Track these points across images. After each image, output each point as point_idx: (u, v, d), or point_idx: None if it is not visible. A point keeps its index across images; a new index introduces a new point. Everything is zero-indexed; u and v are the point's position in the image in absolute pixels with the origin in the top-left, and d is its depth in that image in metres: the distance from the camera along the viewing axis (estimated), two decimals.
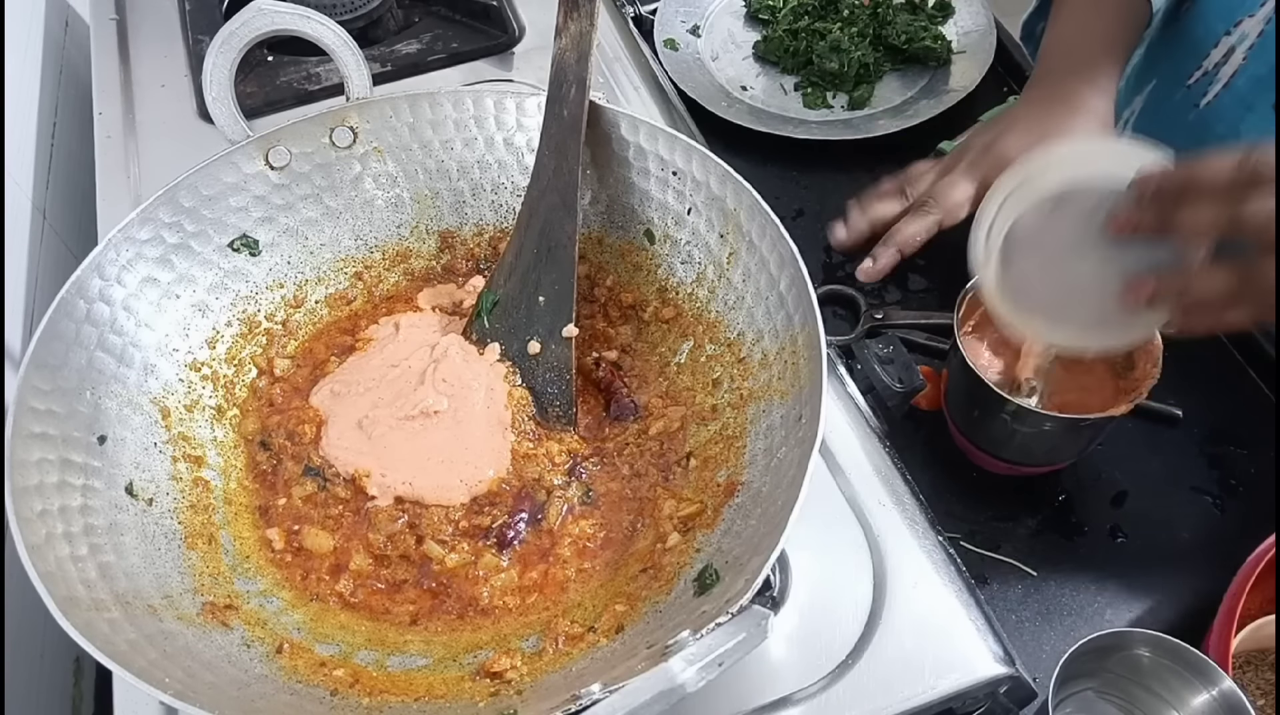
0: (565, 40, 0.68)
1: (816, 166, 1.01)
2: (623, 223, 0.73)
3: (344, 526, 0.65)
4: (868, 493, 0.68)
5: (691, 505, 0.63)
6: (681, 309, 0.71)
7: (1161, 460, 0.81)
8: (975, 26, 1.09)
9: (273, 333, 0.73)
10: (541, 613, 0.62)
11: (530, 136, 0.73)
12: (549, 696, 0.52)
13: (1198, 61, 0.88)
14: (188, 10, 1.04)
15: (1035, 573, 0.75)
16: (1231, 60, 0.84)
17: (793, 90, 1.07)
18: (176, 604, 0.58)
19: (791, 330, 0.62)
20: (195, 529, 0.63)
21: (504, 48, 1.00)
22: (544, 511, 0.65)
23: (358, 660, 0.59)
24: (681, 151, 0.69)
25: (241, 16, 0.68)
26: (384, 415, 0.68)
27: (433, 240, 0.77)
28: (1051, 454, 0.77)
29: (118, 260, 0.66)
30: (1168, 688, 0.65)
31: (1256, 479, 0.79)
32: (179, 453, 0.66)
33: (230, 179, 0.70)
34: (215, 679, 0.54)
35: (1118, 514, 0.78)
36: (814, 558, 0.65)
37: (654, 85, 0.97)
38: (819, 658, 0.61)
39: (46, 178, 0.98)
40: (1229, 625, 0.64)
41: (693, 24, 1.13)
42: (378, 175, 0.74)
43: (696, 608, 0.54)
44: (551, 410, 0.69)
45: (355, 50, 0.71)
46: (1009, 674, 0.61)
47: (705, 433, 0.66)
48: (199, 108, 0.95)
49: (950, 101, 1.02)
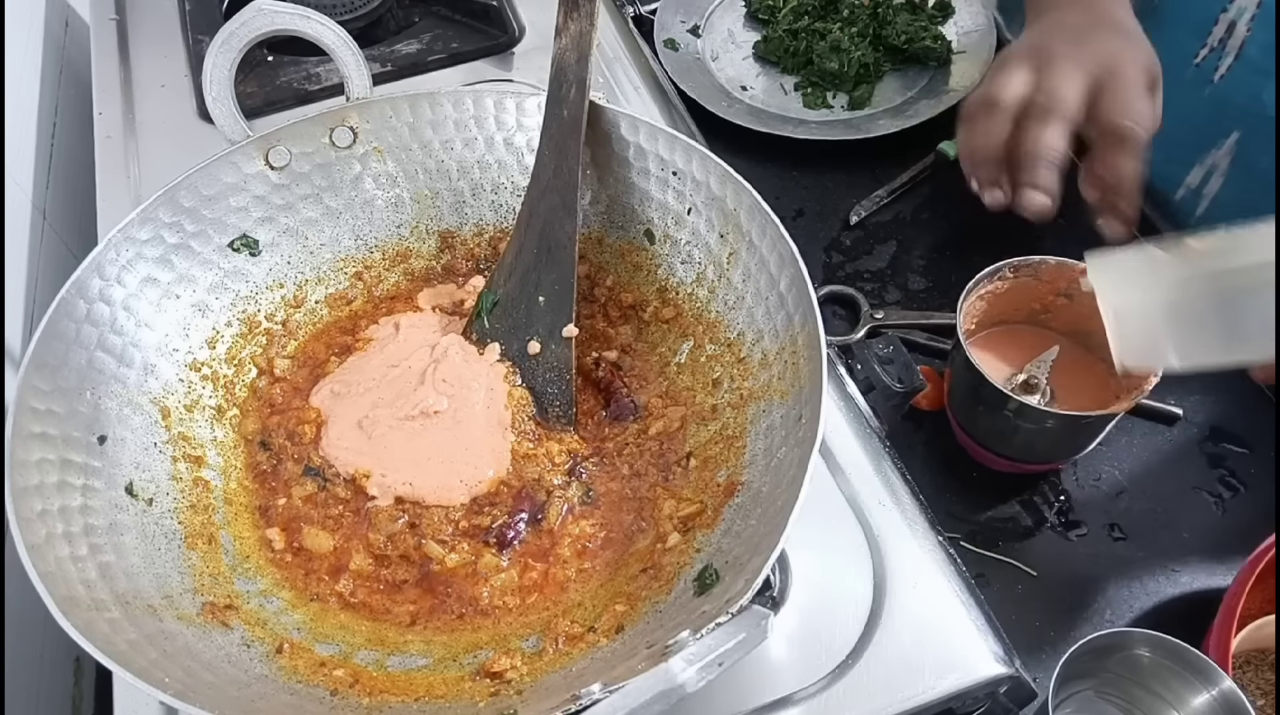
0: (565, 40, 0.68)
1: (816, 166, 1.01)
2: (623, 223, 0.73)
3: (344, 526, 0.65)
4: (868, 493, 0.68)
5: (691, 505, 0.63)
6: (681, 309, 0.71)
7: (1161, 460, 0.81)
8: (975, 26, 1.09)
9: (273, 333, 0.73)
10: (541, 613, 0.62)
11: (530, 136, 0.73)
12: (549, 696, 0.52)
13: (1201, 39, 0.87)
14: (188, 10, 1.04)
15: (1035, 573, 0.75)
16: (1236, 33, 0.83)
17: (793, 90, 1.07)
18: (176, 604, 0.58)
19: (791, 330, 0.62)
20: (195, 529, 0.63)
21: (504, 48, 1.00)
22: (544, 511, 0.65)
23: (358, 660, 0.59)
24: (681, 151, 0.69)
25: (241, 16, 0.68)
26: (384, 415, 0.68)
27: (433, 240, 0.77)
28: (1053, 451, 0.78)
29: (118, 260, 0.66)
30: (1168, 688, 0.65)
31: (1256, 479, 0.79)
32: (179, 453, 0.66)
33: (230, 179, 0.70)
34: (215, 679, 0.54)
35: (1118, 514, 0.78)
36: (814, 558, 0.65)
37: (654, 85, 0.97)
38: (819, 658, 0.61)
39: (46, 178, 0.98)
40: (1229, 625, 0.64)
41: (693, 24, 1.13)
42: (378, 175, 0.74)
43: (696, 608, 0.54)
44: (551, 410, 0.69)
45: (355, 50, 0.71)
46: (1009, 674, 0.61)
47: (705, 433, 0.66)
48: (199, 108, 0.95)
49: (950, 101, 1.02)
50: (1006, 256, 0.76)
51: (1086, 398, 0.74)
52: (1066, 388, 0.75)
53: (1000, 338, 0.78)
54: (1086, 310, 0.75)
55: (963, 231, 0.96)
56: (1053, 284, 0.77)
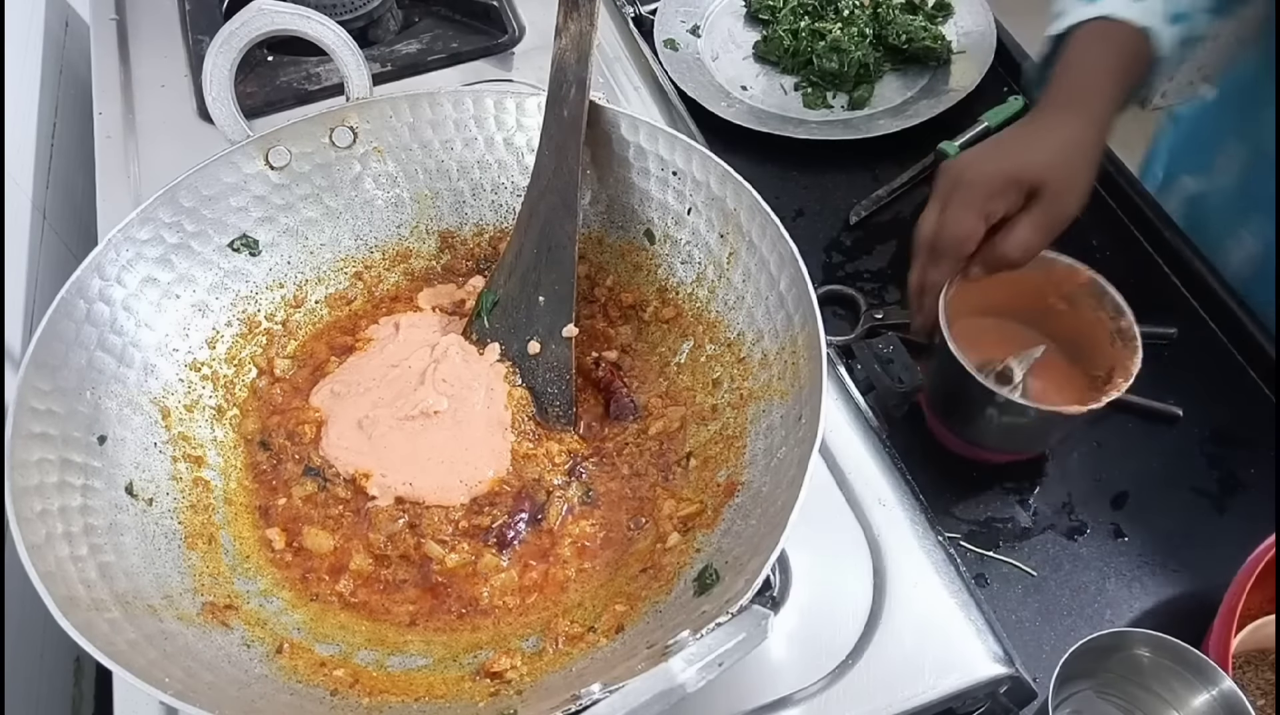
0: (565, 40, 0.68)
1: (816, 166, 1.01)
2: (623, 223, 0.73)
3: (344, 526, 0.65)
4: (868, 493, 0.68)
5: (691, 505, 0.63)
6: (681, 309, 0.71)
7: (1161, 460, 0.81)
8: (975, 26, 1.09)
9: (273, 333, 0.73)
10: (541, 613, 0.62)
11: (530, 136, 0.73)
12: (549, 696, 0.52)
13: None
14: (188, 10, 1.04)
15: (1035, 573, 0.76)
16: None
17: (793, 90, 1.07)
18: (176, 604, 0.58)
19: (791, 330, 0.62)
20: (195, 529, 0.63)
21: (504, 48, 1.00)
22: (544, 511, 0.65)
23: (358, 660, 0.59)
24: (681, 151, 0.69)
25: (241, 16, 0.68)
26: (384, 415, 0.68)
27: (433, 240, 0.77)
28: (1028, 442, 0.79)
29: (118, 260, 0.66)
30: (1168, 688, 0.65)
31: (1256, 479, 0.79)
32: (179, 453, 0.66)
33: (230, 179, 0.70)
34: (215, 679, 0.54)
35: (1118, 514, 0.78)
36: (814, 558, 0.65)
37: (654, 85, 0.97)
38: (819, 658, 0.61)
39: (46, 178, 0.98)
40: (1229, 625, 0.64)
41: (693, 24, 1.13)
42: (378, 175, 0.74)
43: (696, 608, 0.54)
44: (551, 410, 0.69)
45: (355, 50, 0.71)
46: (1009, 674, 0.61)
47: (705, 433, 0.66)
48: (199, 108, 0.95)
49: (950, 101, 1.02)
50: None
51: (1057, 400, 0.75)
52: (1042, 390, 0.76)
53: (990, 328, 0.79)
54: (1083, 323, 0.76)
55: None
56: (1058, 286, 0.77)
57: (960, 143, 1.00)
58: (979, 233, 0.74)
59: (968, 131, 1.02)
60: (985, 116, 1.03)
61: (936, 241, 0.75)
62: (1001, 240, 0.74)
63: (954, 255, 0.75)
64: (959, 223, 0.74)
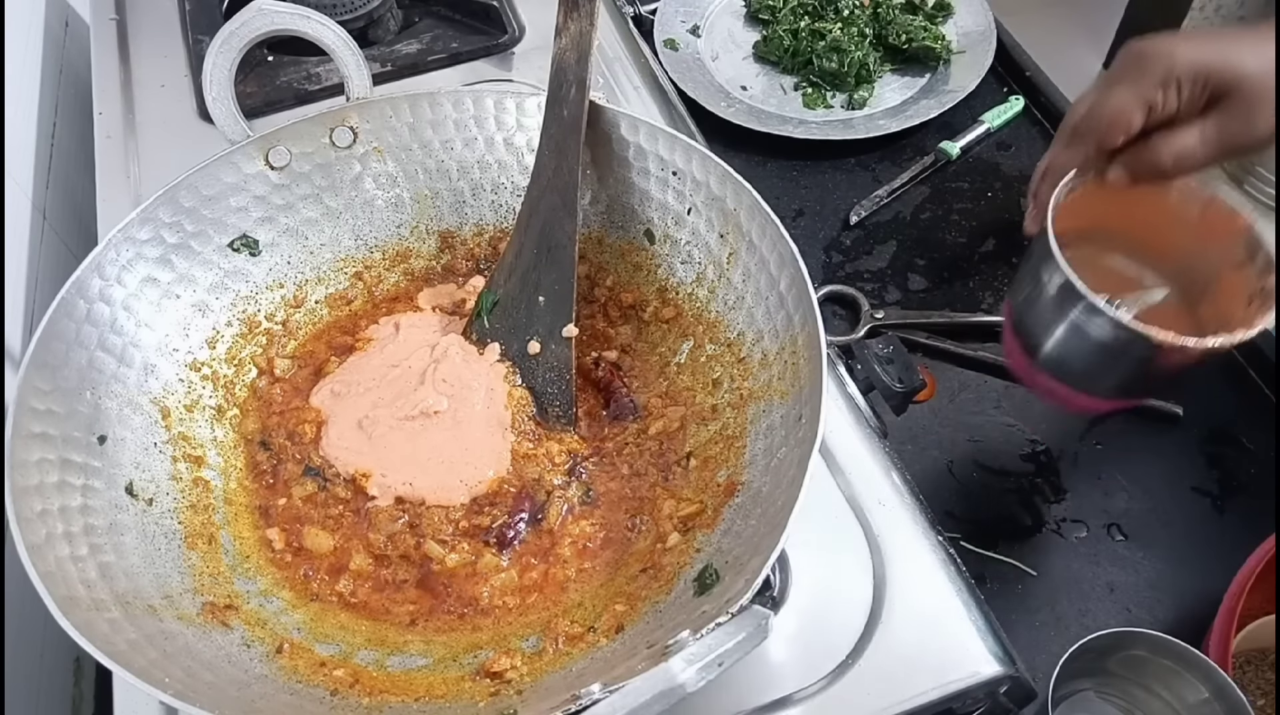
0: (565, 40, 0.68)
1: (816, 166, 1.01)
2: (623, 223, 0.73)
3: (344, 526, 0.65)
4: (868, 493, 0.68)
5: (691, 505, 0.63)
6: (681, 309, 0.71)
7: (1161, 460, 0.81)
8: (975, 26, 1.09)
9: (273, 333, 0.73)
10: (541, 613, 0.62)
11: (530, 136, 0.73)
12: (549, 696, 0.52)
13: None
14: (188, 10, 1.04)
15: (1035, 573, 0.76)
16: None
17: (792, 90, 1.08)
18: (176, 604, 0.58)
19: (791, 330, 0.62)
20: (195, 529, 0.63)
21: (504, 48, 1.00)
22: (544, 511, 0.65)
23: (358, 660, 0.59)
24: (681, 151, 0.69)
25: (241, 16, 0.68)
26: (384, 415, 0.68)
27: (433, 240, 0.77)
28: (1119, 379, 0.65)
29: (118, 260, 0.66)
30: (1168, 688, 0.65)
31: (1256, 479, 0.79)
32: (179, 453, 0.66)
33: (230, 179, 0.70)
34: (215, 679, 0.54)
35: (1118, 514, 0.78)
36: (814, 558, 0.65)
37: (654, 85, 0.97)
38: (819, 658, 0.61)
39: (46, 178, 0.98)
40: (1229, 625, 0.64)
41: (693, 24, 1.13)
42: (378, 175, 0.74)
43: (696, 608, 0.54)
44: (551, 410, 0.69)
45: (355, 50, 0.71)
46: (1009, 674, 0.61)
47: (705, 433, 0.66)
48: (199, 108, 0.95)
49: (950, 101, 1.02)
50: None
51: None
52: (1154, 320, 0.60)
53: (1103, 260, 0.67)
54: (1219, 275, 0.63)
55: (963, 231, 0.96)
56: (1208, 226, 0.63)
57: (961, 143, 1.01)
58: (1135, 121, 0.62)
59: (968, 132, 1.02)
60: (985, 117, 1.03)
61: (1082, 120, 0.64)
62: (1160, 140, 0.62)
63: (1097, 139, 0.63)
64: (1115, 102, 0.62)
